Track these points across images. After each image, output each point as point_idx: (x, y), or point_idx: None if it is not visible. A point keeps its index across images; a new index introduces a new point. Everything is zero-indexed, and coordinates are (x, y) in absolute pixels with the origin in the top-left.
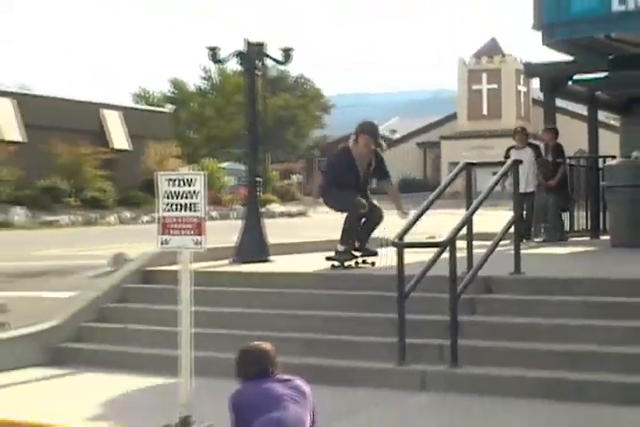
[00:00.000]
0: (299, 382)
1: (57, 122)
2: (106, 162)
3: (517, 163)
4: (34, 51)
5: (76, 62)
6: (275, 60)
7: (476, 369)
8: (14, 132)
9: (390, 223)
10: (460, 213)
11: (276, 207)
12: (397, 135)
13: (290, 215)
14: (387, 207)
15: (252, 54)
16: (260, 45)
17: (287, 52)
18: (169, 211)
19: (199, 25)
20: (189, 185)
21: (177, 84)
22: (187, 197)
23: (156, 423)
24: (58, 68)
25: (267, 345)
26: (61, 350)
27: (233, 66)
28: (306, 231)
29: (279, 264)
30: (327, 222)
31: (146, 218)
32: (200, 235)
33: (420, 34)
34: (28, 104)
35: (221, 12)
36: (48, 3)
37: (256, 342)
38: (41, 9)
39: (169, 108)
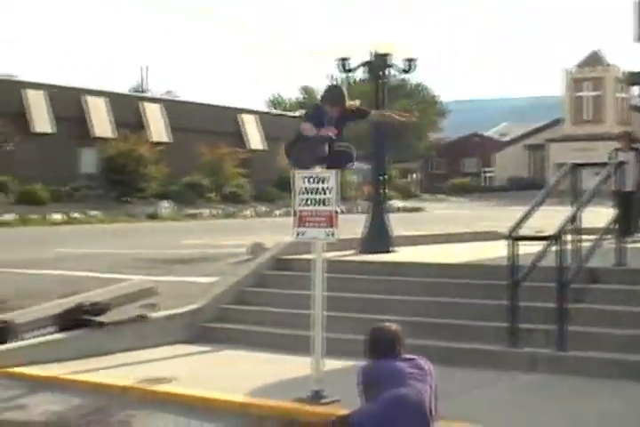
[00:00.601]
0: (422, 361)
1: (199, 125)
2: (243, 161)
3: (623, 164)
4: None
5: (214, 68)
6: (399, 69)
7: (582, 353)
8: (162, 134)
9: (503, 219)
10: (565, 211)
11: (396, 203)
12: (506, 138)
13: (408, 210)
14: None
15: (379, 64)
16: (386, 56)
17: (411, 62)
18: (304, 205)
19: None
20: (323, 182)
21: (307, 91)
22: (320, 193)
23: (289, 396)
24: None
25: (395, 326)
26: (205, 328)
27: (358, 74)
28: (424, 225)
29: (401, 254)
30: (443, 217)
31: (279, 212)
32: (332, 227)
33: (519, 44)
34: (173, 109)
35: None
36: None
37: (386, 324)
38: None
39: (300, 112)
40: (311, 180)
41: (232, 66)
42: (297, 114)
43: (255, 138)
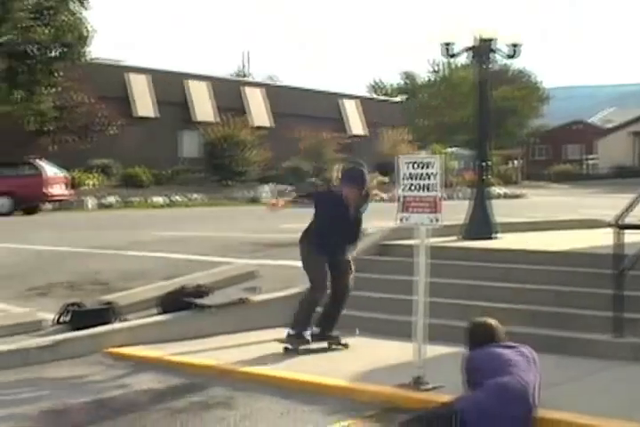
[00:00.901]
0: (525, 349)
1: (300, 110)
2: (344, 146)
3: None
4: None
5: (310, 53)
6: (503, 54)
7: None
8: (263, 119)
9: (606, 206)
10: None
11: (497, 189)
12: (610, 125)
13: (509, 197)
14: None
15: (483, 49)
16: (490, 41)
17: (515, 47)
18: (408, 191)
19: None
20: (427, 168)
21: (408, 77)
22: (424, 179)
23: (391, 382)
24: (302, 58)
25: (493, 321)
26: None
27: (459, 59)
28: (525, 212)
29: (503, 241)
30: (544, 204)
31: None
32: (436, 213)
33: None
34: (275, 93)
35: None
36: None
37: (484, 318)
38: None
39: (401, 97)
40: (415, 165)
41: (334, 51)
42: (398, 99)
43: (356, 123)
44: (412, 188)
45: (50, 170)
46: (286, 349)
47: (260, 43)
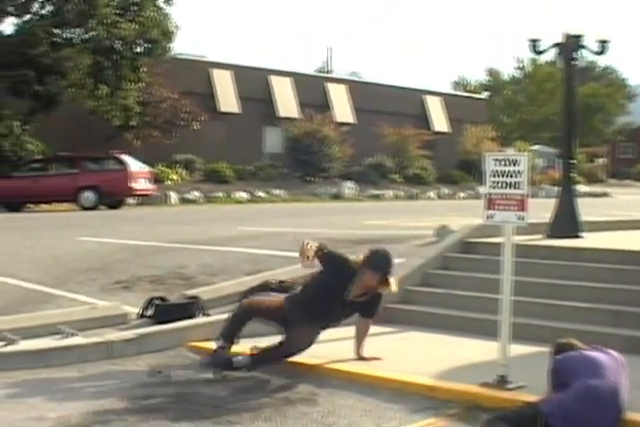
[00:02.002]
0: (615, 353)
1: (384, 106)
2: (427, 143)
3: None
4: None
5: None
6: (591, 51)
7: None
8: (346, 115)
9: None
10: None
11: (582, 187)
12: None
13: (594, 195)
14: None
15: (570, 46)
16: (578, 37)
17: (604, 44)
18: (495, 188)
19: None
20: (514, 165)
21: (492, 73)
22: (511, 176)
23: (474, 380)
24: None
25: (576, 341)
26: (389, 309)
27: (544, 56)
28: (611, 210)
29: (589, 240)
30: (630, 203)
31: (462, 194)
32: (522, 211)
33: None
34: (358, 89)
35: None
36: None
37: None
38: None
39: (485, 94)
40: (502, 162)
41: (419, 47)
42: (482, 96)
43: (439, 120)
44: (499, 185)
45: (134, 165)
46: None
47: (344, 39)
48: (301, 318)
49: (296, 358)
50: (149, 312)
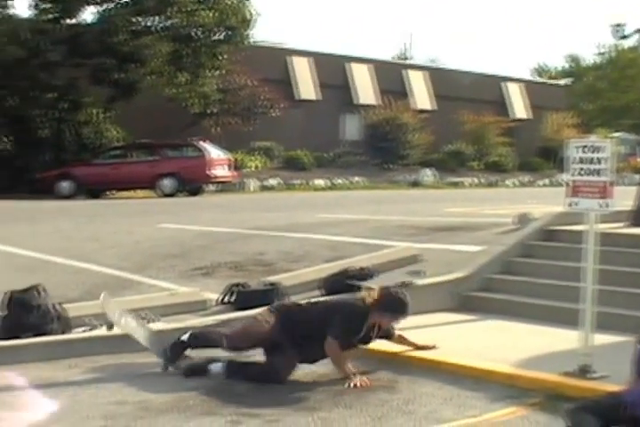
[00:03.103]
0: None
1: (463, 93)
2: (506, 130)
3: None
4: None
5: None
6: None
7: None
8: (425, 102)
9: None
10: None
11: None
12: None
13: None
14: None
15: None
16: None
17: None
18: (578, 175)
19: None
20: (598, 152)
21: (573, 59)
22: (595, 163)
23: (555, 369)
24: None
25: None
26: (469, 297)
27: (628, 41)
28: None
29: None
30: None
31: (542, 182)
32: (606, 198)
33: None
34: (437, 76)
35: None
36: None
37: None
38: None
39: (565, 81)
40: (586, 149)
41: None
42: (562, 82)
43: (519, 106)
44: (582, 172)
45: (213, 152)
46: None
47: (423, 25)
48: (291, 343)
49: (377, 346)
50: (229, 298)
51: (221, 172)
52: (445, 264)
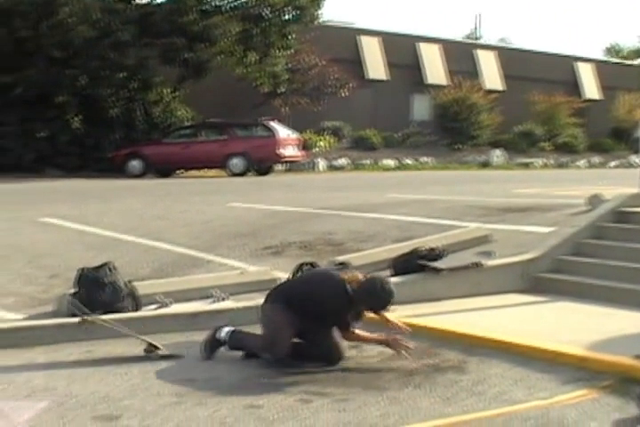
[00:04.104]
0: None
1: (533, 73)
2: (578, 110)
3: None
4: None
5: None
6: None
7: None
8: (495, 82)
9: None
10: None
11: None
12: None
13: None
14: None
15: None
16: None
17: None
18: None
19: None
20: None
21: None
22: None
23: (628, 352)
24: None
25: None
26: (539, 279)
27: None
28: None
29: None
30: None
31: (613, 163)
32: None
33: None
34: (507, 56)
35: None
36: None
37: None
38: None
39: (639, 61)
40: None
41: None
42: (636, 62)
43: (591, 87)
44: None
45: (282, 131)
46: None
47: (493, 5)
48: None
49: (445, 326)
50: None
51: (291, 151)
52: (516, 245)
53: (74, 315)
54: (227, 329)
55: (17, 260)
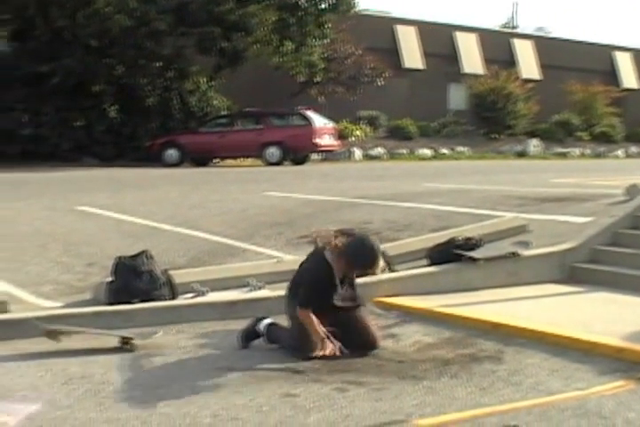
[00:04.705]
0: None
1: (571, 62)
2: (615, 100)
3: None
4: None
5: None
6: None
7: None
8: (532, 71)
9: None
10: None
11: None
12: None
13: None
14: None
15: None
16: None
17: None
18: None
19: None
20: None
21: None
22: None
23: None
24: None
25: None
26: (575, 269)
27: None
28: None
29: None
30: None
31: None
32: None
33: None
34: (544, 45)
35: None
36: None
37: None
38: None
39: None
40: None
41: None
42: None
43: (629, 76)
44: None
45: (319, 121)
46: None
47: None
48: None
49: (481, 315)
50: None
51: (327, 141)
52: (553, 235)
53: (50, 332)
54: (265, 322)
55: (54, 248)
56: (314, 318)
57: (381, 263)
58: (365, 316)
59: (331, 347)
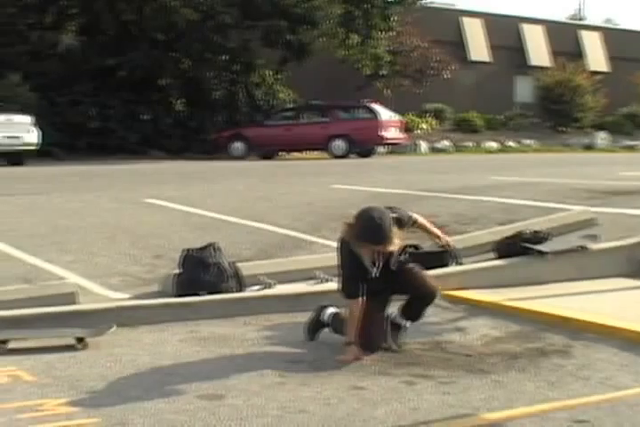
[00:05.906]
0: None
1: (639, 54)
2: None
3: None
4: None
5: None
6: None
7: None
8: (600, 63)
9: None
10: None
11: None
12: None
13: None
14: None
15: None
16: None
17: None
18: None
19: None
20: None
21: None
22: None
23: None
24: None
25: None
26: None
27: None
28: None
29: None
30: None
31: None
32: None
33: None
34: (612, 37)
35: None
36: None
37: None
38: None
39: None
40: None
41: None
42: None
43: None
44: None
45: (385, 114)
46: None
47: None
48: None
49: (549, 309)
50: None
51: (393, 134)
52: (622, 229)
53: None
54: (330, 311)
55: (122, 240)
56: (357, 313)
57: (394, 230)
58: (417, 268)
59: (352, 354)
